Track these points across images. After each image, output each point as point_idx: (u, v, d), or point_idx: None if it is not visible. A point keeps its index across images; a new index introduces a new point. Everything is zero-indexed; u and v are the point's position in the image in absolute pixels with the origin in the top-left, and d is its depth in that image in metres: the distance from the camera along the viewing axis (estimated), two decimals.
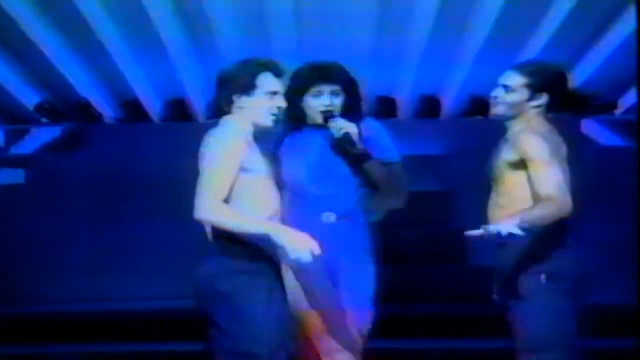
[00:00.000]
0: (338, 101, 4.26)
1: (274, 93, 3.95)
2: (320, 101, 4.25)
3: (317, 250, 3.74)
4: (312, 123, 4.31)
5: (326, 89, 4.26)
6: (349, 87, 4.32)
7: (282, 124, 4.28)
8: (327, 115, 4.23)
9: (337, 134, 4.20)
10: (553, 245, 4.00)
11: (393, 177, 4.29)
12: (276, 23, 7.06)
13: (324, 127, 4.26)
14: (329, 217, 4.25)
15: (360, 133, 4.23)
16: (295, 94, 4.26)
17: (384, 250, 4.30)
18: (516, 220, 3.76)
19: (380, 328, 4.22)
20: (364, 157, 4.22)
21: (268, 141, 4.24)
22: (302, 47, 7.22)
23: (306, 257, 3.72)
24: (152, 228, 8.05)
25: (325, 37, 7.11)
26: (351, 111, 4.29)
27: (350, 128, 4.20)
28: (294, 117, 4.31)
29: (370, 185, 4.28)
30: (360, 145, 4.20)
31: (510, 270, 4.06)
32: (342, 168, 4.27)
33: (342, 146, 4.22)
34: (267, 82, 3.94)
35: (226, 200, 3.82)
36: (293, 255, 3.72)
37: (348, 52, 6.66)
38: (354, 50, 6.69)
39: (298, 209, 4.23)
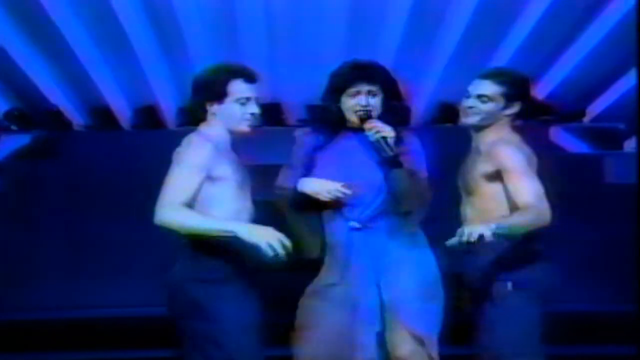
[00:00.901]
0: (375, 101, 4.12)
1: (247, 99, 3.94)
2: (357, 101, 4.11)
3: (286, 241, 3.72)
4: (349, 126, 4.17)
5: (364, 88, 4.11)
6: (388, 88, 4.18)
7: (319, 127, 4.21)
8: (363, 117, 4.10)
9: (372, 136, 4.07)
10: (521, 253, 4.01)
11: (417, 191, 4.13)
12: (247, 29, 7.06)
13: (360, 130, 4.13)
14: (354, 224, 4.13)
15: (397, 137, 4.10)
16: (332, 93, 4.15)
17: None
18: (492, 226, 3.76)
19: None
20: (396, 163, 4.07)
21: (304, 146, 4.19)
22: (272, 52, 7.22)
23: (279, 248, 3.70)
24: (124, 235, 8.00)
25: (295, 42, 7.13)
26: (390, 113, 4.17)
27: (387, 131, 4.07)
28: (331, 120, 4.19)
29: (394, 194, 4.11)
30: (395, 150, 4.06)
31: (477, 277, 4.07)
32: (372, 173, 4.12)
33: (376, 149, 4.08)
34: (239, 88, 3.94)
35: (189, 207, 3.80)
36: (265, 248, 3.70)
37: (318, 57, 6.69)
38: (324, 56, 6.69)
39: (329, 215, 4.14)
